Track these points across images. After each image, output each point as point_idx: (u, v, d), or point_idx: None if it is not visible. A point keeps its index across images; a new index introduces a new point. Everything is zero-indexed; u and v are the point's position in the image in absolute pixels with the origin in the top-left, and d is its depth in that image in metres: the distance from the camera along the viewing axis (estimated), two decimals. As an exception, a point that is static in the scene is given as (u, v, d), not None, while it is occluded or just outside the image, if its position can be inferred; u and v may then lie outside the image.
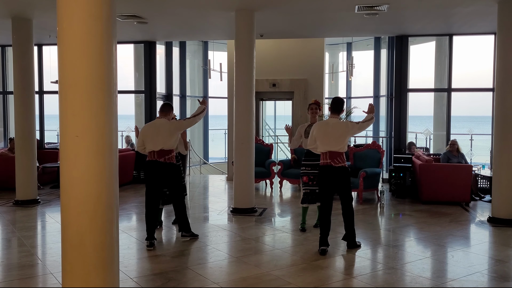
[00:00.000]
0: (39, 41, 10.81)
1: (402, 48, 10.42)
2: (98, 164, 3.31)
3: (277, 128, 14.61)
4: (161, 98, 11.88)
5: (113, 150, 3.40)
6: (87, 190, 3.29)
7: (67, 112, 3.28)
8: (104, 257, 3.35)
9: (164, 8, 7.93)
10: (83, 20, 3.21)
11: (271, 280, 4.80)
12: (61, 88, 3.32)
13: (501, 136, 7.35)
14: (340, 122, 5.82)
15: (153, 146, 5.88)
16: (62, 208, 3.41)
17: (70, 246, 3.32)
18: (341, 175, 5.70)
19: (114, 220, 3.45)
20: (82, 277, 3.30)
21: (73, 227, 3.31)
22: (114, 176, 3.44)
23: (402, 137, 10.57)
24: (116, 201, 3.48)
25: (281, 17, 8.52)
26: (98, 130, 3.29)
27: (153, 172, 5.94)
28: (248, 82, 7.93)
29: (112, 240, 3.42)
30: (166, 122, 6.00)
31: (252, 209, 7.98)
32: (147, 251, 5.77)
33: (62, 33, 3.26)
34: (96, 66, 3.25)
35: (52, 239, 6.42)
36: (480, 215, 7.92)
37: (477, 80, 15.35)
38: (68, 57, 3.26)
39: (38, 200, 8.81)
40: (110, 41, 3.32)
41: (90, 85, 3.25)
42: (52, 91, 12.03)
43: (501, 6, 7.23)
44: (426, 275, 5.00)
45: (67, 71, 3.27)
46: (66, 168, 3.32)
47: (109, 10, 3.29)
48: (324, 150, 5.73)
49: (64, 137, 3.29)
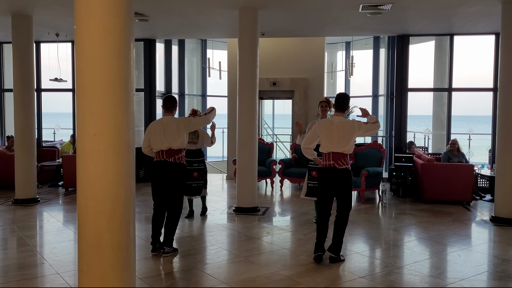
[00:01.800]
0: (37, 38, 10.69)
1: (403, 48, 10.44)
2: (116, 163, 3.26)
3: (276, 127, 14.59)
4: (160, 97, 11.81)
5: (130, 148, 3.35)
6: (105, 189, 3.24)
7: (85, 110, 3.22)
8: (122, 258, 3.30)
9: (168, 6, 7.87)
10: (102, 17, 3.15)
11: (281, 280, 4.78)
12: (79, 86, 3.27)
13: (504, 135, 7.39)
14: (347, 121, 5.27)
15: (160, 145, 5.49)
16: (78, 207, 3.35)
17: (88, 246, 3.26)
18: (344, 179, 5.19)
19: (131, 220, 3.40)
20: (99, 277, 3.25)
21: (90, 227, 3.26)
22: (132, 175, 3.39)
23: (403, 137, 10.60)
24: (133, 200, 3.44)
25: (284, 15, 8.50)
26: (116, 128, 3.23)
27: (161, 173, 5.53)
28: (252, 81, 7.90)
29: (129, 240, 3.37)
30: (173, 119, 5.59)
31: (255, 208, 7.95)
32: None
33: (80, 30, 3.20)
34: (115, 64, 3.20)
35: (56, 239, 6.36)
36: (482, 214, 7.96)
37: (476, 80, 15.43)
38: (86, 54, 3.20)
39: (38, 199, 8.73)
40: (128, 39, 3.27)
41: (109, 83, 3.20)
42: (50, 89, 11.94)
43: (505, 6, 7.26)
44: (435, 275, 5.00)
45: (86, 69, 3.21)
46: (84, 167, 3.27)
47: (128, 7, 3.24)
48: (327, 151, 5.21)
49: (82, 135, 3.24)
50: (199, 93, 14.25)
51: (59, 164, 10.60)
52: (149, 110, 11.24)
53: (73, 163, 9.74)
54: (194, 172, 7.19)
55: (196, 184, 7.21)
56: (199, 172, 7.24)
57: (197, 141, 7.21)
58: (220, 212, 7.99)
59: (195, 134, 7.14)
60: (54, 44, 11.20)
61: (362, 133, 5.26)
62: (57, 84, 11.02)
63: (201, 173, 7.26)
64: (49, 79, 10.79)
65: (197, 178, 7.22)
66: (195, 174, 7.19)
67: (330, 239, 5.39)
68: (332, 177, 5.21)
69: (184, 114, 12.62)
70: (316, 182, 6.36)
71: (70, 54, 11.58)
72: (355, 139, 5.32)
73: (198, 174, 7.22)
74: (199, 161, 7.27)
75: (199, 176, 7.23)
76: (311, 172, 6.68)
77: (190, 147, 7.11)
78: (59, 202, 8.94)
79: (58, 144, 12.36)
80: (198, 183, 7.23)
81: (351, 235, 6.56)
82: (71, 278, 4.78)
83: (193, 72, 14.46)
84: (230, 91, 11.48)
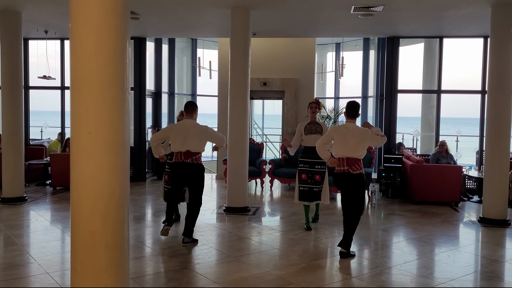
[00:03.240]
0: (26, 35, 10.56)
1: (393, 49, 10.51)
2: (112, 162, 3.22)
3: (266, 128, 14.60)
4: (150, 95, 11.74)
5: (125, 147, 3.32)
6: (100, 188, 3.21)
7: (80, 108, 3.18)
8: (116, 257, 3.27)
9: (159, 5, 7.83)
10: (98, 14, 3.12)
11: (272, 280, 4.78)
12: (74, 83, 3.22)
13: (492, 138, 7.47)
14: (361, 128, 5.52)
15: (180, 147, 5.87)
16: (72, 206, 3.31)
17: (81, 246, 3.23)
18: (358, 183, 5.44)
19: (126, 219, 3.37)
20: (92, 277, 3.21)
21: (84, 226, 3.22)
22: (126, 174, 3.36)
23: (392, 138, 10.66)
24: (127, 199, 3.41)
25: (276, 15, 8.50)
26: (112, 126, 3.20)
27: (180, 173, 5.93)
28: (243, 81, 7.89)
29: (124, 239, 3.34)
30: (196, 124, 6.00)
31: (246, 208, 7.94)
32: (146, 249, 5.69)
33: (75, 27, 3.16)
34: (110, 62, 3.17)
35: (44, 238, 6.28)
36: (470, 215, 8.05)
37: (464, 82, 15.60)
38: (82, 52, 3.16)
39: (25, 198, 8.63)
40: (124, 36, 3.25)
41: (105, 81, 3.17)
42: (38, 87, 11.80)
43: (495, 9, 7.35)
44: (425, 275, 5.04)
45: (81, 66, 3.17)
46: (78, 166, 3.23)
47: (123, 5, 3.21)
48: (342, 156, 5.45)
49: (77, 133, 3.20)
50: (189, 93, 14.19)
51: (46, 163, 10.49)
52: (139, 109, 11.16)
53: (61, 161, 9.75)
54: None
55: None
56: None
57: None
58: (211, 212, 7.97)
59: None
60: (43, 41, 11.07)
61: (370, 143, 5.52)
62: (45, 81, 10.89)
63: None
64: (38, 77, 10.66)
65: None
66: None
67: (331, 232, 5.41)
68: (347, 182, 5.46)
69: (173, 113, 12.54)
70: (306, 186, 6.42)
71: (59, 51, 11.45)
72: (367, 146, 5.55)
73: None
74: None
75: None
76: (301, 175, 6.56)
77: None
78: (46, 201, 8.85)
79: (46, 143, 12.23)
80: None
81: (340, 235, 6.57)
82: (60, 277, 4.73)
83: (183, 71, 14.39)
84: (221, 91, 11.45)
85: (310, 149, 6.49)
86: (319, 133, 6.48)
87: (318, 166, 6.49)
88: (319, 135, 6.43)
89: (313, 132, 6.51)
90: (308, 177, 6.49)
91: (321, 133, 6.48)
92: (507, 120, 7.35)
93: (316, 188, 6.53)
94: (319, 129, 6.54)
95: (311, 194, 6.51)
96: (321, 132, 6.50)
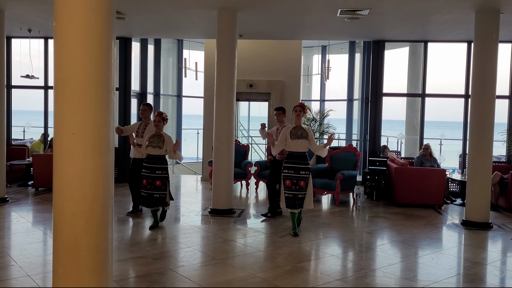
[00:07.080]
0: (9, 34, 10.40)
1: (379, 53, 10.58)
2: (95, 163, 3.17)
3: (251, 129, 14.59)
4: (135, 96, 11.65)
5: (110, 148, 3.28)
6: (83, 189, 3.15)
7: (63, 108, 3.13)
8: (99, 260, 3.22)
9: (145, 5, 7.77)
10: (83, 13, 3.07)
11: (257, 282, 4.77)
12: (58, 83, 3.17)
13: (475, 141, 7.55)
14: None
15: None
16: (55, 208, 3.25)
17: (64, 248, 3.17)
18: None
19: (110, 221, 3.33)
20: (75, 280, 3.16)
21: (67, 228, 3.17)
22: (111, 176, 3.31)
23: (377, 141, 10.73)
24: (111, 201, 3.37)
25: (263, 17, 8.50)
26: (96, 127, 3.15)
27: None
28: (229, 82, 7.87)
29: (107, 242, 3.30)
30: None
31: (231, 210, 7.92)
32: (129, 252, 5.63)
33: (60, 26, 3.11)
34: (95, 62, 3.12)
35: (26, 240, 6.18)
36: (453, 218, 8.13)
37: (448, 86, 15.77)
38: (66, 51, 3.11)
39: (7, 199, 8.49)
40: (110, 36, 3.21)
41: (89, 81, 3.12)
42: (20, 86, 11.62)
43: (478, 15, 7.44)
44: (409, 277, 5.08)
45: (65, 66, 3.12)
46: (61, 167, 3.17)
47: (109, 4, 3.18)
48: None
49: (60, 134, 3.14)
50: (175, 94, 14.12)
51: (29, 163, 10.33)
52: (124, 110, 11.06)
53: (43, 162, 9.62)
54: (157, 181, 6.69)
55: (158, 195, 6.73)
56: (162, 181, 6.74)
57: (163, 145, 6.74)
58: (195, 214, 7.93)
59: (160, 138, 6.77)
60: (26, 40, 10.91)
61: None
62: (28, 81, 10.73)
63: (164, 182, 6.75)
64: (21, 76, 10.49)
65: (160, 187, 6.71)
66: (157, 183, 6.69)
67: (315, 234, 5.38)
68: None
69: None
70: (290, 192, 6.39)
71: (43, 50, 11.30)
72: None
73: (161, 183, 6.71)
74: (162, 168, 6.78)
75: (162, 186, 6.72)
76: (285, 181, 6.50)
77: (154, 152, 6.71)
78: (28, 202, 8.70)
79: (28, 143, 12.04)
80: (161, 193, 6.75)
81: (325, 238, 6.62)
82: (42, 280, 4.66)
83: (168, 72, 14.32)
84: (207, 92, 11.41)
85: (294, 154, 6.48)
86: (305, 138, 6.48)
87: (303, 172, 6.45)
88: (304, 140, 6.44)
89: (299, 137, 6.49)
90: (293, 183, 6.46)
91: (306, 138, 6.48)
92: (490, 124, 7.44)
93: (300, 194, 6.47)
94: (305, 134, 6.51)
95: (295, 201, 6.47)
96: (307, 137, 6.49)
